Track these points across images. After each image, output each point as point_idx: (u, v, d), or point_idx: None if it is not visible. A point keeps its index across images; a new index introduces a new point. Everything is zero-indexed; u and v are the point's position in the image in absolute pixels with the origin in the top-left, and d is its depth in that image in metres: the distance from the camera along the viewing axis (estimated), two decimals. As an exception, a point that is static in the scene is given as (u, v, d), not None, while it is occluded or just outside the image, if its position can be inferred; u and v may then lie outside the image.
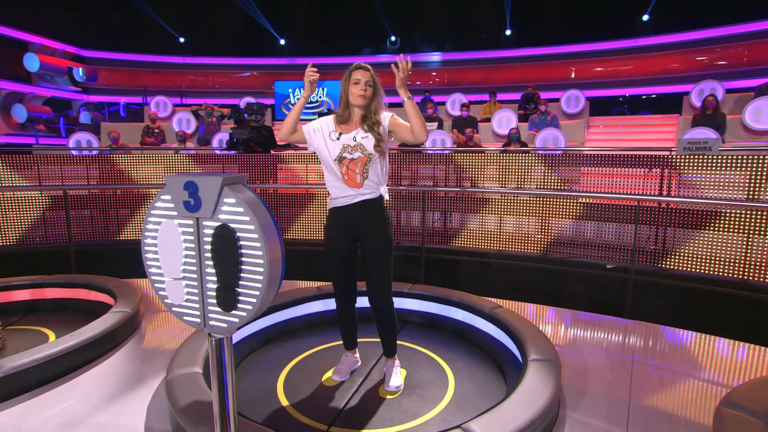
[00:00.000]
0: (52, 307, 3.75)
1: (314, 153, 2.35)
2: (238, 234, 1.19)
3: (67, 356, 2.60)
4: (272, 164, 5.35)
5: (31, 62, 11.53)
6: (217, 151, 7.77)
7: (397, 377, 2.51)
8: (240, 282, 1.21)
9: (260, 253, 1.17)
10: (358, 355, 2.69)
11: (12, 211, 4.91)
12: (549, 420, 2.08)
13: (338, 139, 2.22)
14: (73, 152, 8.38)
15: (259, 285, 1.18)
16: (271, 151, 6.45)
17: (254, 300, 1.20)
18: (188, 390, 2.10)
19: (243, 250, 1.19)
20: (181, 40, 14.80)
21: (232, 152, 6.20)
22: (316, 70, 2.19)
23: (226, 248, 1.20)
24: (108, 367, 2.73)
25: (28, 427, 2.14)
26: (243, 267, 1.20)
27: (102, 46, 13.58)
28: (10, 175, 4.90)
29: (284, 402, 2.38)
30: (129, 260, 4.56)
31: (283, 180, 5.45)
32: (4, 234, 4.90)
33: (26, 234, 4.96)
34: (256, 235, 1.17)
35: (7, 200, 4.89)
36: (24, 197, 4.95)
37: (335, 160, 2.22)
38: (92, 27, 13.47)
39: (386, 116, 2.27)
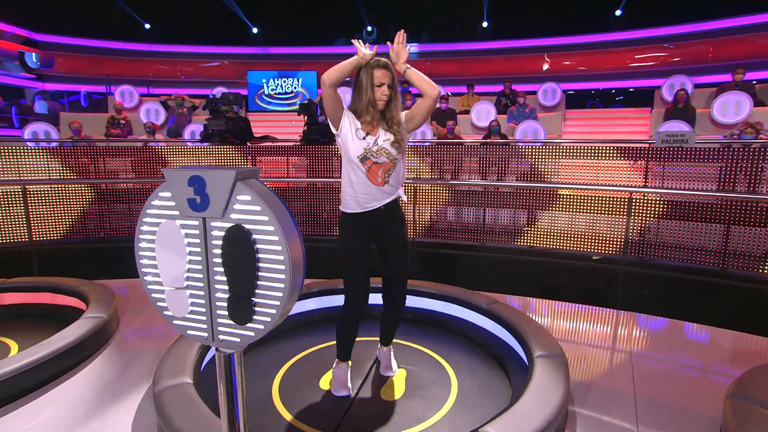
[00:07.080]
0: (13, 314, 3.42)
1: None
2: (255, 236, 1.04)
3: (35, 370, 2.35)
4: (251, 156, 5.14)
5: (-26, 46, 10.67)
6: (189, 143, 7.41)
7: (395, 361, 2.63)
8: (256, 291, 1.06)
9: (281, 257, 1.02)
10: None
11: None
12: (562, 418, 2.04)
13: (363, 138, 2.15)
14: (29, 144, 7.79)
15: (280, 294, 1.04)
16: (249, 144, 6.20)
17: (273, 311, 1.06)
18: (179, 403, 1.95)
19: (260, 254, 1.04)
20: (147, 26, 14.03)
21: (206, 144, 5.90)
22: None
23: (240, 252, 1.05)
24: (83, 380, 2.50)
25: (-5, 451, 1.93)
26: (260, 273, 1.05)
27: (58, 30, 12.66)
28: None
29: (281, 409, 2.25)
30: (99, 260, 4.25)
31: (263, 173, 5.23)
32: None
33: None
34: (276, 237, 1.02)
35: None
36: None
37: (359, 157, 2.15)
38: (47, 8, 12.49)
39: (401, 114, 2.25)
